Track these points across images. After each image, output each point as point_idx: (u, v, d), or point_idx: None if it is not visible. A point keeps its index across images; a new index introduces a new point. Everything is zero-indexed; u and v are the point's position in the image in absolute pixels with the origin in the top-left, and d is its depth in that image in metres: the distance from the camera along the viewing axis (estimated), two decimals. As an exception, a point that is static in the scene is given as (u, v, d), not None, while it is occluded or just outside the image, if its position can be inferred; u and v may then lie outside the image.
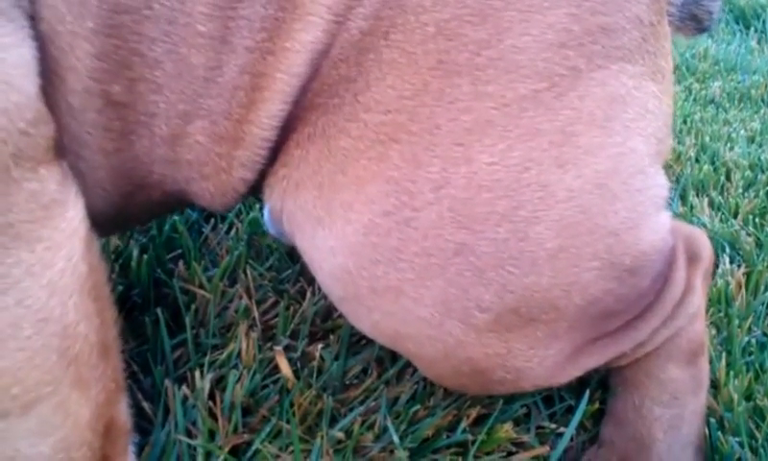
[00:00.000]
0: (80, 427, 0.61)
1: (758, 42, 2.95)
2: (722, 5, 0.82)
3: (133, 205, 0.73)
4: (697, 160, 1.62)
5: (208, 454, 0.77)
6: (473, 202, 0.64)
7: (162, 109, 0.65)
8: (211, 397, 0.82)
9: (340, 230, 0.67)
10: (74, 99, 0.62)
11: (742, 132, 1.79)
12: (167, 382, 0.82)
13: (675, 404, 0.80)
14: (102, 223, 0.67)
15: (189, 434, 0.79)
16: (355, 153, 0.66)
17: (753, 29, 3.15)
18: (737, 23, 3.25)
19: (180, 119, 0.66)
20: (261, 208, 1.19)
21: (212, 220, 1.17)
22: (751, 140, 1.77)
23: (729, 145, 1.71)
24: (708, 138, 1.73)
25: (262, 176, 0.72)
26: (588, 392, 0.84)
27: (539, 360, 0.70)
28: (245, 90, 0.65)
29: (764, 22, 3.21)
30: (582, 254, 0.66)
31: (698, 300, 0.78)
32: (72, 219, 0.60)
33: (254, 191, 0.74)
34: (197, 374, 0.83)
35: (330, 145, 0.67)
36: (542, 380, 0.73)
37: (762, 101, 2.12)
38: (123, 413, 0.66)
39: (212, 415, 0.81)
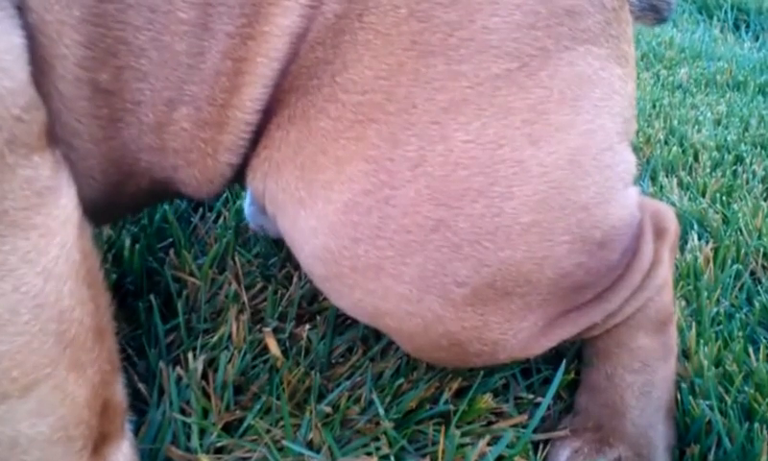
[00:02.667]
0: (77, 407, 0.61)
1: (721, 31, 2.98)
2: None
3: (123, 194, 0.73)
4: (666, 143, 1.64)
5: (202, 431, 0.78)
6: (450, 179, 0.65)
7: (148, 96, 0.65)
8: (204, 377, 0.83)
9: (321, 209, 0.67)
10: (64, 87, 0.62)
11: (709, 115, 1.81)
12: (161, 364, 0.83)
13: (646, 371, 0.82)
14: (92, 213, 0.67)
15: (184, 413, 0.79)
16: (334, 133, 0.66)
17: (715, 18, 3.18)
18: (700, 13, 3.28)
19: (166, 106, 0.66)
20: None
21: (200, 210, 1.18)
22: (717, 123, 1.79)
23: (696, 128, 1.73)
24: (676, 122, 1.75)
25: (246, 161, 0.72)
26: (563, 363, 0.85)
27: (514, 332, 0.71)
28: (227, 76, 0.66)
29: (726, 12, 3.24)
30: (554, 228, 0.67)
31: (665, 271, 0.79)
32: (65, 206, 0.60)
33: (240, 178, 0.74)
34: (190, 356, 0.84)
35: (310, 126, 0.68)
36: (518, 352, 0.74)
37: (727, 85, 2.14)
38: (119, 393, 0.67)
39: (205, 394, 0.82)
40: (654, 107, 1.85)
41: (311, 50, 0.66)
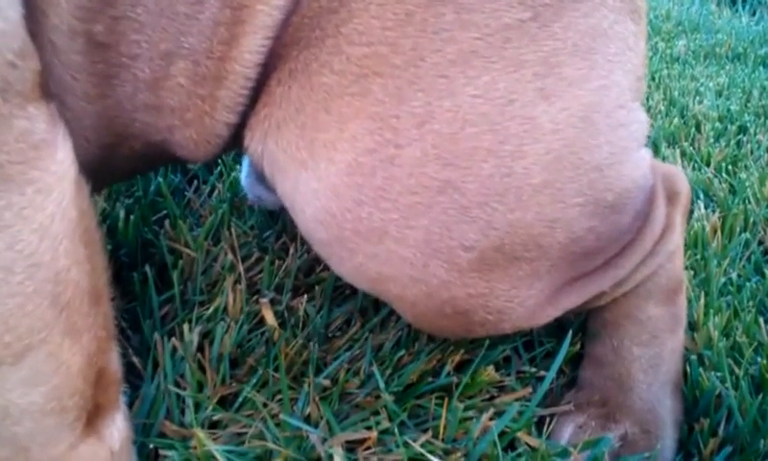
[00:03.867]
0: (72, 376, 0.58)
1: (718, 5, 2.95)
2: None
3: (116, 157, 0.69)
4: (667, 114, 1.60)
5: (198, 405, 0.75)
6: (458, 137, 0.61)
7: (144, 49, 0.62)
8: (200, 349, 0.80)
9: (323, 171, 0.64)
10: (58, 39, 0.58)
11: (710, 85, 1.78)
12: (156, 336, 0.79)
13: (654, 343, 0.78)
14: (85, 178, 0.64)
15: (178, 386, 0.76)
16: (338, 88, 0.63)
17: (714, -8, 3.15)
18: (698, -12, 3.25)
19: (162, 60, 0.62)
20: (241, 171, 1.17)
21: (194, 182, 1.15)
22: (718, 94, 1.76)
23: (697, 99, 1.70)
24: (676, 93, 1.72)
25: (245, 121, 0.69)
26: (568, 336, 0.82)
27: (520, 300, 0.68)
28: (226, 25, 0.62)
29: (725, -13, 3.20)
30: (566, 189, 0.63)
31: (677, 237, 0.76)
32: (62, 161, 0.57)
33: (237, 142, 0.70)
34: (185, 328, 0.80)
35: (312, 81, 0.64)
36: (523, 321, 0.70)
37: (727, 57, 2.11)
38: (114, 362, 0.64)
39: (200, 367, 0.78)
40: (653, 79, 1.82)
41: None
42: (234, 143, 0.71)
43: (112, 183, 1.00)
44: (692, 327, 0.92)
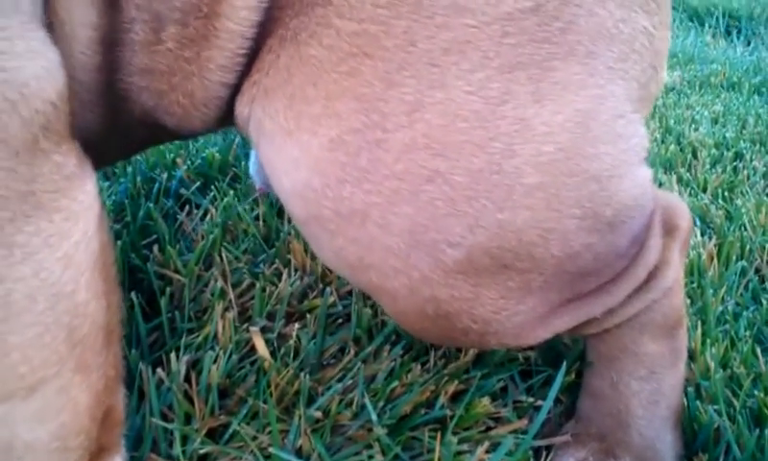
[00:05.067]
0: (79, 414, 0.56)
1: (713, 37, 2.95)
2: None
3: (119, 125, 0.68)
4: (663, 141, 1.59)
5: (185, 437, 0.73)
6: (448, 129, 0.59)
7: (140, 11, 0.60)
8: (187, 379, 0.78)
9: (306, 142, 0.61)
10: (67, 11, 0.57)
11: (705, 114, 1.77)
12: (141, 366, 0.77)
13: (653, 378, 0.76)
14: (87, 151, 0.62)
15: (165, 418, 0.74)
16: (327, 64, 0.61)
17: (707, 25, 3.15)
18: (691, 21, 3.26)
19: (155, 22, 0.61)
20: (236, 195, 1.15)
21: (187, 206, 1.13)
22: (714, 121, 1.75)
23: (693, 126, 1.69)
24: (672, 121, 1.71)
25: (239, 88, 0.67)
26: (564, 365, 0.80)
27: (508, 314, 0.65)
28: None
29: (717, 19, 3.22)
30: (562, 197, 0.61)
31: (674, 273, 0.73)
32: (90, 192, 0.56)
33: (229, 114, 0.69)
34: (172, 356, 0.78)
35: (301, 52, 0.62)
36: (510, 339, 0.68)
37: (722, 86, 2.11)
38: (120, 402, 0.62)
39: (188, 398, 0.76)
40: (649, 106, 1.81)
41: None
42: (227, 117, 0.69)
43: (116, 159, 0.97)
44: (690, 355, 0.90)
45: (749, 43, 3.01)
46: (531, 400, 0.84)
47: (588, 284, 0.68)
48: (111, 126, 0.68)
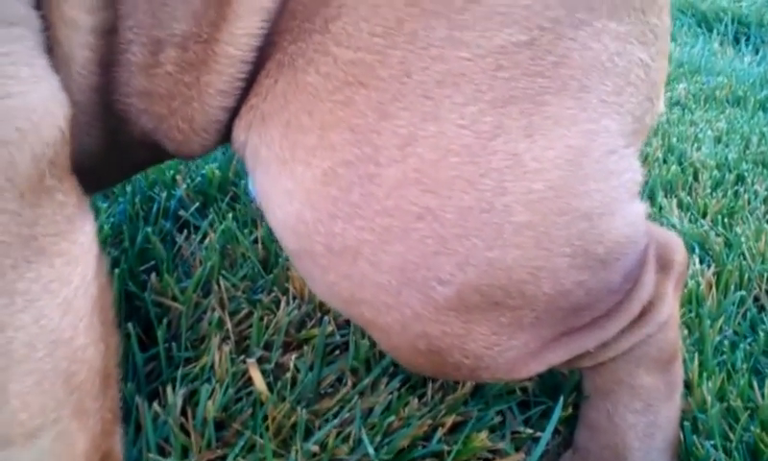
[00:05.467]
0: (77, 459, 0.56)
1: (721, 44, 2.95)
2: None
3: (118, 147, 0.68)
4: (665, 161, 1.60)
5: (181, 471, 0.73)
6: (440, 165, 0.59)
7: (137, 34, 0.61)
8: (184, 412, 0.79)
9: (300, 174, 0.62)
10: (64, 35, 0.58)
11: (708, 132, 1.77)
12: (138, 399, 0.78)
13: (649, 412, 0.77)
14: (86, 171, 0.62)
15: (162, 451, 0.75)
16: (323, 92, 0.61)
17: (715, 32, 3.15)
18: (700, 27, 3.25)
19: (153, 46, 0.61)
20: (235, 217, 1.15)
21: (185, 230, 1.13)
22: (717, 140, 1.75)
23: (696, 145, 1.69)
24: (675, 139, 1.70)
25: (237, 111, 0.67)
26: (561, 398, 0.80)
27: (500, 350, 0.66)
28: (215, 6, 0.60)
29: (726, 25, 3.21)
30: (552, 235, 0.61)
31: (669, 308, 0.74)
32: (89, 233, 0.56)
33: (227, 135, 0.69)
34: (168, 389, 0.79)
35: (298, 79, 0.62)
36: (503, 373, 0.68)
37: (727, 101, 2.10)
38: (117, 445, 0.62)
39: (185, 431, 0.77)
40: (652, 123, 1.80)
41: None
42: (226, 139, 0.69)
43: (115, 182, 0.97)
44: (687, 387, 0.90)
45: (757, 51, 3.01)
46: (529, 431, 0.84)
47: (581, 319, 0.68)
48: (111, 148, 0.68)
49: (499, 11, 0.58)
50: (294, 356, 0.88)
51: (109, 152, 0.69)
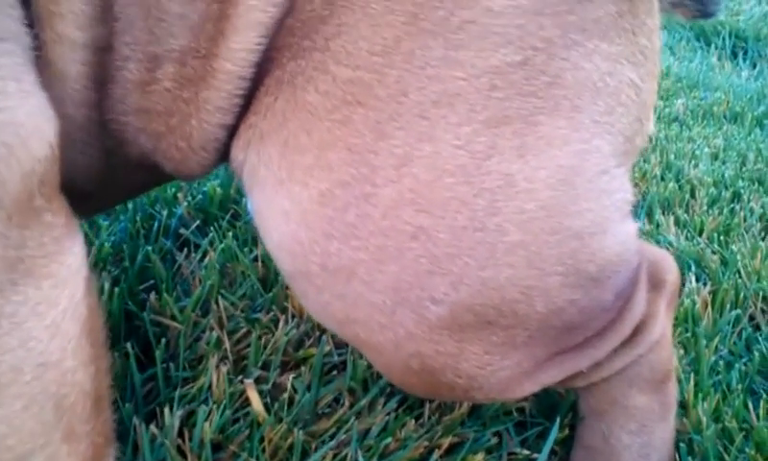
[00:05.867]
0: None
1: (719, 59, 2.95)
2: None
3: (114, 167, 0.68)
4: (662, 178, 1.60)
5: (178, 493, 0.74)
6: (435, 185, 0.60)
7: (134, 50, 0.61)
8: (181, 434, 0.79)
9: (297, 194, 0.62)
10: (57, 52, 0.58)
11: (705, 149, 1.78)
12: (135, 420, 0.78)
13: (643, 432, 0.77)
14: (84, 192, 0.62)
15: (159, 472, 0.75)
16: (322, 111, 0.61)
17: (713, 46, 3.16)
18: (698, 40, 3.26)
19: (150, 63, 0.61)
20: (235, 235, 1.16)
21: (185, 249, 1.14)
22: (714, 157, 1.76)
23: (693, 162, 1.69)
24: (672, 156, 1.71)
25: (235, 130, 0.67)
26: (558, 419, 0.81)
27: (493, 369, 0.66)
28: (213, 21, 0.60)
29: (724, 39, 3.22)
30: (544, 255, 0.61)
31: (661, 327, 0.75)
32: (78, 254, 0.56)
33: (225, 155, 0.69)
34: (166, 410, 0.79)
35: (297, 97, 0.62)
36: (496, 393, 0.69)
37: (724, 117, 2.11)
38: None
39: (181, 452, 0.77)
40: (650, 140, 1.81)
41: (308, 1, 0.61)
42: (224, 159, 0.69)
43: (113, 205, 0.97)
44: (683, 407, 0.91)
45: (754, 66, 3.02)
46: (526, 452, 0.84)
47: (573, 338, 0.69)
48: (109, 170, 0.68)
49: (494, 30, 0.59)
50: (291, 376, 0.88)
51: (108, 173, 0.69)
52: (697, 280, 1.20)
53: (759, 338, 1.08)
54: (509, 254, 0.61)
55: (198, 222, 1.20)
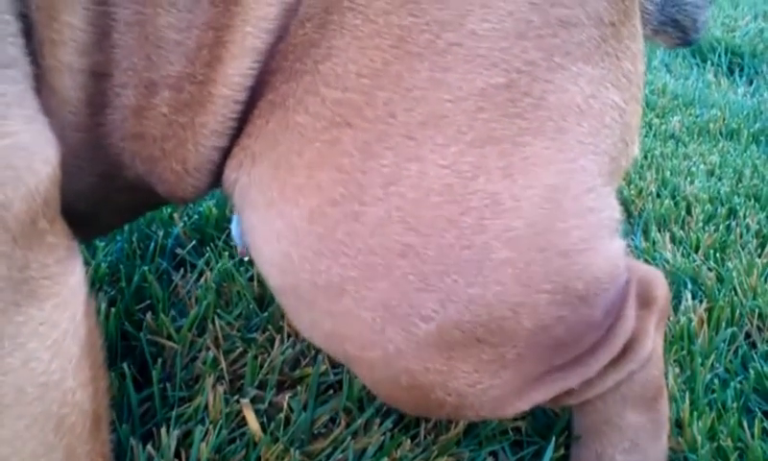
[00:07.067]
0: None
1: (715, 76, 2.96)
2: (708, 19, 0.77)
3: (112, 191, 0.69)
4: (658, 195, 1.60)
5: (174, 514, 0.74)
6: (422, 204, 0.60)
7: (131, 76, 0.61)
8: (177, 453, 0.79)
9: (288, 212, 0.63)
10: (56, 79, 0.59)
11: (702, 166, 1.78)
12: (132, 441, 0.78)
13: (636, 451, 0.78)
14: (81, 217, 0.63)
15: (155, 493, 0.75)
16: (312, 132, 0.62)
17: (709, 62, 3.16)
18: (694, 57, 3.26)
19: (147, 89, 0.62)
20: (231, 255, 1.16)
21: (182, 269, 1.14)
22: (710, 174, 1.76)
23: (689, 179, 1.69)
24: (668, 173, 1.71)
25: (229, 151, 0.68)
26: (553, 440, 0.81)
27: (483, 387, 0.66)
28: (209, 48, 0.61)
29: (720, 55, 3.22)
30: (531, 272, 0.62)
31: (651, 344, 0.75)
32: (78, 275, 0.57)
33: (219, 178, 0.69)
34: (163, 430, 0.79)
35: (288, 119, 0.63)
36: (487, 412, 0.69)
37: (720, 134, 2.11)
38: None
39: (178, 472, 0.77)
40: (646, 157, 1.82)
41: (300, 25, 0.62)
42: (217, 182, 0.70)
43: (110, 229, 0.98)
44: (678, 426, 0.91)
45: (751, 82, 3.02)
46: (521, 471, 0.85)
47: (563, 356, 0.69)
48: (107, 193, 0.69)
49: (479, 53, 0.60)
50: (288, 396, 0.88)
51: (103, 196, 0.70)
52: (693, 298, 1.20)
53: (755, 356, 1.08)
54: (496, 271, 0.61)
55: (194, 242, 1.20)
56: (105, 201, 0.70)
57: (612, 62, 0.65)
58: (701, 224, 1.48)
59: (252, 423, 0.83)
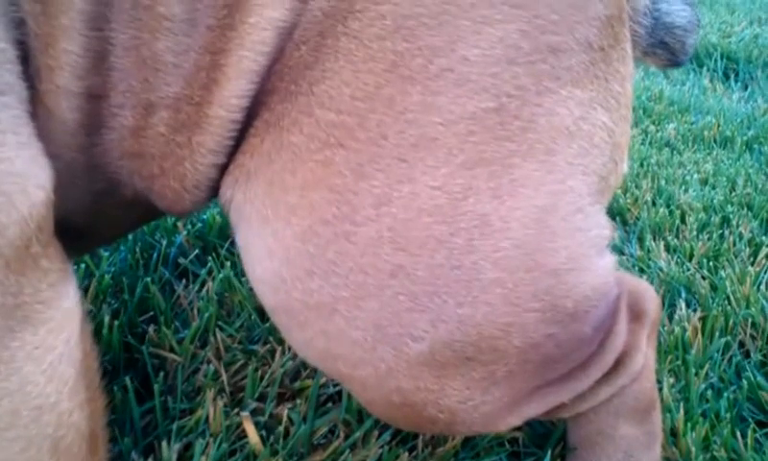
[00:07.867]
0: None
1: (711, 81, 2.96)
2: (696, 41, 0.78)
3: (110, 206, 0.69)
4: (653, 204, 1.60)
5: (175, 527, 0.74)
6: (413, 224, 0.60)
7: (128, 98, 0.61)
8: (178, 467, 0.79)
9: (281, 231, 0.63)
10: (54, 101, 0.59)
11: (696, 175, 1.78)
12: (134, 454, 0.78)
13: None
14: (77, 233, 0.63)
15: (156, 506, 0.75)
16: (306, 152, 0.62)
17: (705, 68, 3.16)
18: (691, 62, 3.26)
19: (145, 109, 0.62)
20: (233, 265, 1.16)
21: (184, 279, 1.14)
22: (704, 182, 1.76)
23: (683, 188, 1.69)
24: (663, 181, 1.71)
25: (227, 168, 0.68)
26: (550, 450, 0.81)
27: (474, 404, 0.66)
28: (206, 70, 0.61)
29: (716, 61, 3.22)
30: (520, 291, 0.62)
31: (643, 358, 0.75)
32: (72, 298, 0.57)
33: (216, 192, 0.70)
34: (164, 443, 0.79)
35: (283, 138, 0.63)
36: (479, 427, 0.69)
37: (715, 142, 2.11)
38: None
39: (179, 486, 0.77)
40: (641, 165, 1.82)
41: (296, 48, 0.62)
42: (215, 193, 0.70)
43: (109, 241, 0.98)
44: (673, 436, 0.91)
45: (746, 88, 3.02)
46: (518, 482, 0.84)
47: (554, 372, 0.69)
48: (102, 209, 0.69)
49: (470, 78, 0.60)
50: (288, 407, 0.88)
51: (101, 212, 0.70)
52: (687, 307, 1.20)
53: (748, 365, 1.08)
54: (486, 291, 0.61)
55: (197, 250, 1.20)
56: (103, 216, 0.70)
57: (602, 85, 0.65)
58: (695, 232, 1.47)
59: (252, 435, 0.83)
